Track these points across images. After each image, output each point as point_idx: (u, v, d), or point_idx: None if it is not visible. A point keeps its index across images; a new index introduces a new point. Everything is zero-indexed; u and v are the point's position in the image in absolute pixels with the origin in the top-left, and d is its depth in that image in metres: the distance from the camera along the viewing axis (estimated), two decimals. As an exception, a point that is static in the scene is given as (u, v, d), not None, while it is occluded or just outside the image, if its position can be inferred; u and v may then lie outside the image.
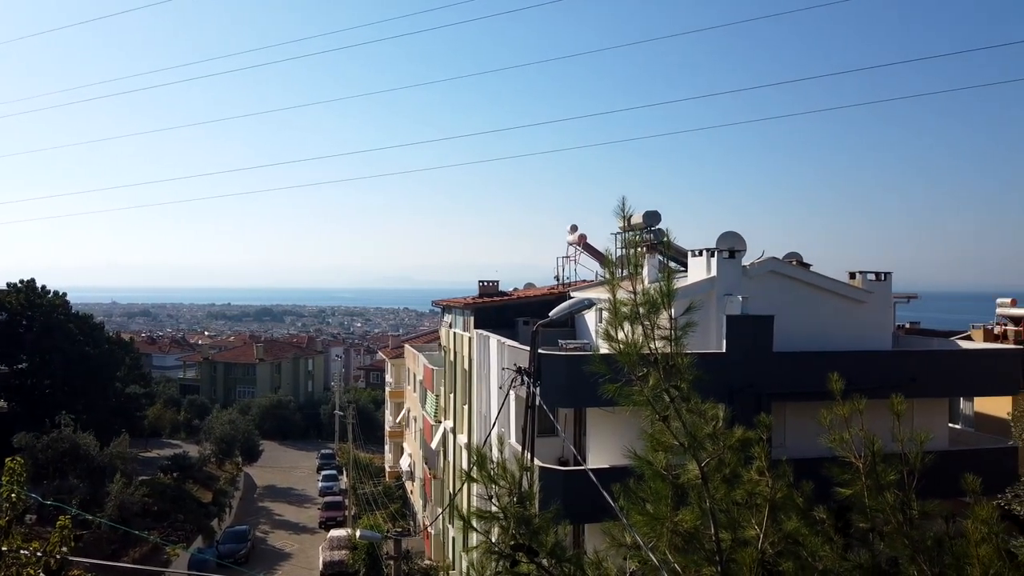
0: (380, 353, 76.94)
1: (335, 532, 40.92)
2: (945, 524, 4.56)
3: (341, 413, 55.89)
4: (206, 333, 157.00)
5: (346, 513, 46.75)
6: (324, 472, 59.16)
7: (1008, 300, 30.46)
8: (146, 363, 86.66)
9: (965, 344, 23.05)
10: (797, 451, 14.77)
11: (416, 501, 44.74)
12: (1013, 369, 20.11)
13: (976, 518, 4.01)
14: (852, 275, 21.45)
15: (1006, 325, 28.62)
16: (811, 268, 22.13)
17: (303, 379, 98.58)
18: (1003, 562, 3.96)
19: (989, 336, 27.23)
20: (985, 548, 3.85)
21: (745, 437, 5.04)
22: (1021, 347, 22.62)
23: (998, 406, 22.43)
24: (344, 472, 57.83)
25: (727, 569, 4.77)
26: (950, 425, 22.25)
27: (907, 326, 29.49)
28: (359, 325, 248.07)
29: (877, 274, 21.20)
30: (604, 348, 5.27)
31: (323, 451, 67.89)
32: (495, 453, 5.68)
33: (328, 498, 51.21)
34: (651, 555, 5.04)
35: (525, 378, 13.38)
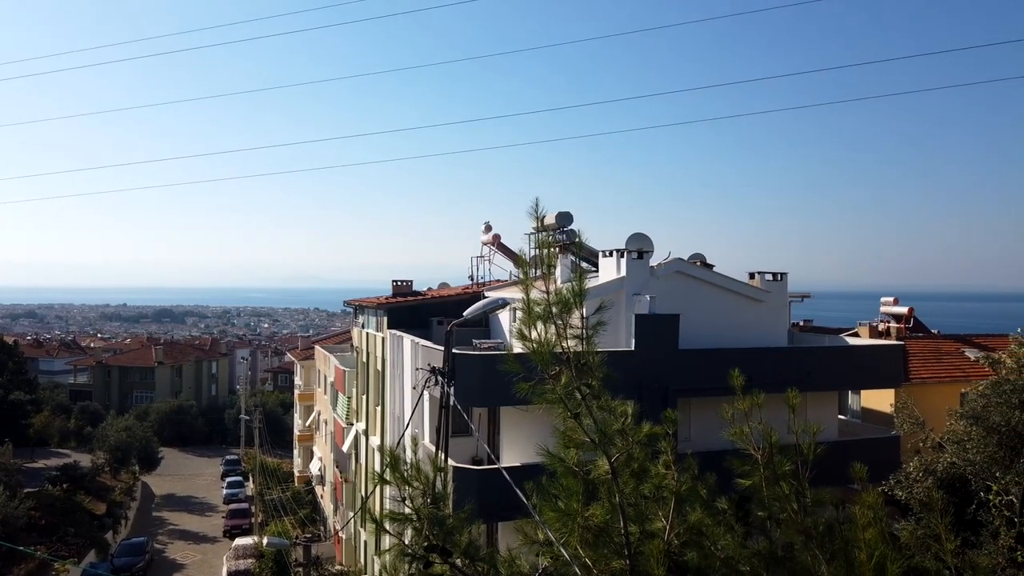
0: (289, 355, 74.84)
1: (241, 540, 39.60)
2: (835, 510, 4.86)
3: (247, 417, 54.02)
4: (99, 335, 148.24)
5: (252, 520, 45.22)
6: (229, 479, 57.13)
7: (891, 299, 32.74)
8: (32, 368, 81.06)
9: (853, 340, 24.56)
10: (702, 444, 15.38)
11: (327, 506, 43.79)
12: (896, 363, 21.59)
13: (863, 504, 4.29)
14: (751, 275, 22.47)
15: (889, 322, 30.74)
16: (714, 269, 23.05)
17: (206, 383, 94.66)
18: (887, 544, 4.25)
19: (874, 333, 29.17)
20: (871, 532, 4.13)
21: (653, 432, 5.20)
22: (903, 343, 24.34)
23: (882, 401, 24.05)
24: (250, 478, 55.97)
25: (635, 561, 4.91)
26: (840, 417, 23.66)
27: (801, 324, 31.19)
28: (267, 326, 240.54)
29: (774, 274, 22.29)
30: (518, 347, 5.32)
31: (228, 457, 65.56)
32: (408, 454, 5.63)
33: (233, 505, 49.52)
34: (563, 550, 5.12)
35: (439, 378, 13.32)
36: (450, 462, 15.41)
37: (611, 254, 20.93)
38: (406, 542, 5.13)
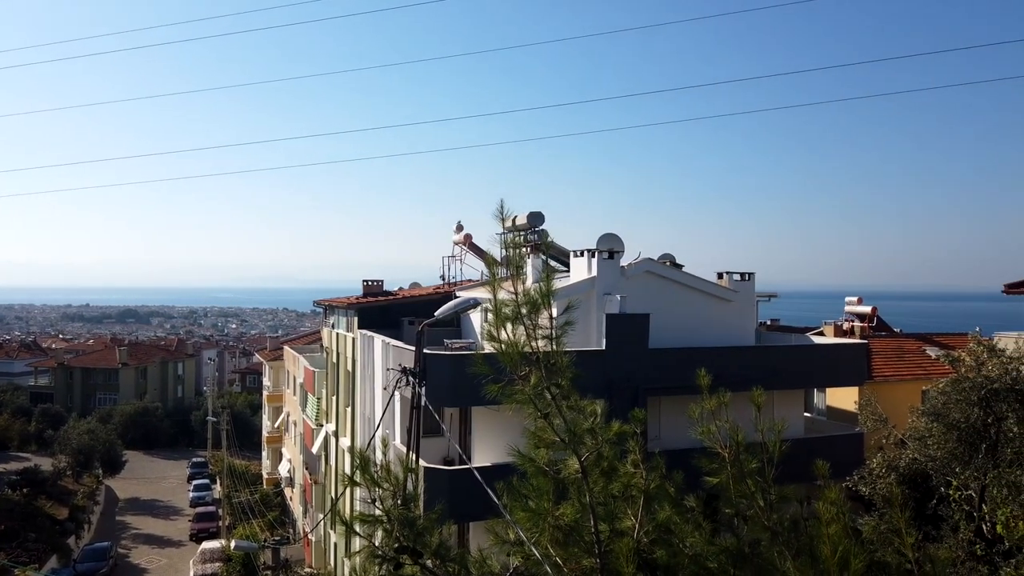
0: (257, 355, 73.90)
1: (208, 544, 39.03)
2: (800, 507, 4.95)
3: (214, 419, 53.25)
4: (61, 336, 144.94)
5: (220, 524, 44.62)
6: (196, 482, 56.28)
7: (855, 299, 33.41)
8: (-10, 370, 78.98)
9: (818, 339, 25.00)
10: (671, 443, 15.52)
11: (296, 508, 43.35)
12: (859, 362, 22.02)
13: (826, 500, 4.38)
14: (720, 275, 22.74)
15: (853, 321, 31.37)
16: (683, 268, 23.29)
17: (172, 384, 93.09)
18: (850, 539, 4.34)
19: (839, 332, 29.74)
20: (834, 527, 4.21)
21: (622, 431, 5.24)
22: (866, 341, 24.84)
23: (846, 399, 24.50)
24: (218, 481, 55.19)
25: (605, 560, 4.95)
26: (806, 415, 24.06)
27: (768, 323, 31.67)
28: (234, 326, 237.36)
29: (742, 274, 22.59)
30: (489, 348, 5.32)
31: (194, 459, 64.59)
32: (379, 455, 5.61)
33: (200, 508, 48.80)
34: (534, 550, 5.14)
35: (410, 378, 13.26)
36: (421, 463, 15.35)
37: (582, 254, 21.03)
38: (376, 544, 5.10)
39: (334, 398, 30.90)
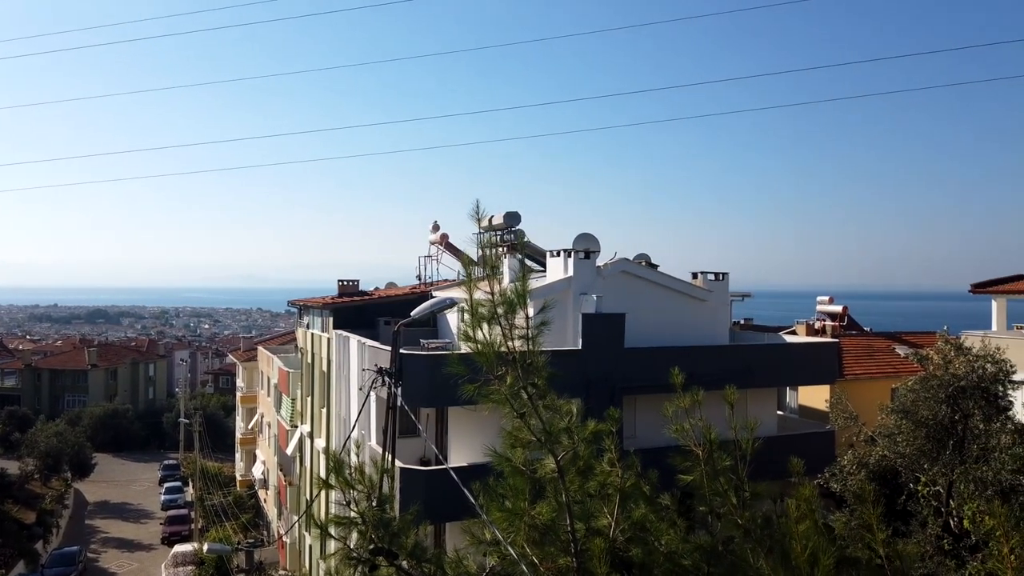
0: (230, 356, 73.02)
1: (180, 547, 38.53)
2: (773, 504, 5.01)
3: (187, 420, 52.55)
4: (28, 337, 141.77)
5: (192, 527, 44.04)
6: (167, 484, 55.53)
7: (826, 298, 33.92)
8: (-47, 372, 77.15)
9: (790, 338, 25.32)
10: (647, 441, 15.64)
11: (270, 510, 42.93)
12: (831, 360, 22.36)
13: (798, 497, 4.44)
14: (694, 275, 22.94)
15: (825, 320, 31.83)
16: (658, 268, 23.45)
17: (143, 385, 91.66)
18: (821, 535, 4.41)
19: (811, 331, 30.17)
20: (805, 524, 4.28)
21: (598, 430, 5.27)
22: (838, 340, 25.22)
23: (818, 398, 24.86)
24: (190, 483, 54.48)
25: (582, 559, 4.97)
26: (778, 413, 24.37)
27: (742, 322, 32.02)
28: (207, 327, 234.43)
29: (716, 274, 22.81)
30: (466, 348, 5.32)
31: (166, 462, 63.74)
32: (354, 456, 5.58)
33: (172, 511, 48.19)
34: (510, 549, 5.15)
35: (386, 379, 13.20)
36: (397, 463, 15.28)
37: (559, 254, 21.09)
38: (351, 545, 5.07)
39: (309, 399, 30.65)
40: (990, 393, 14.21)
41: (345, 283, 29.52)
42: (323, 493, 21.27)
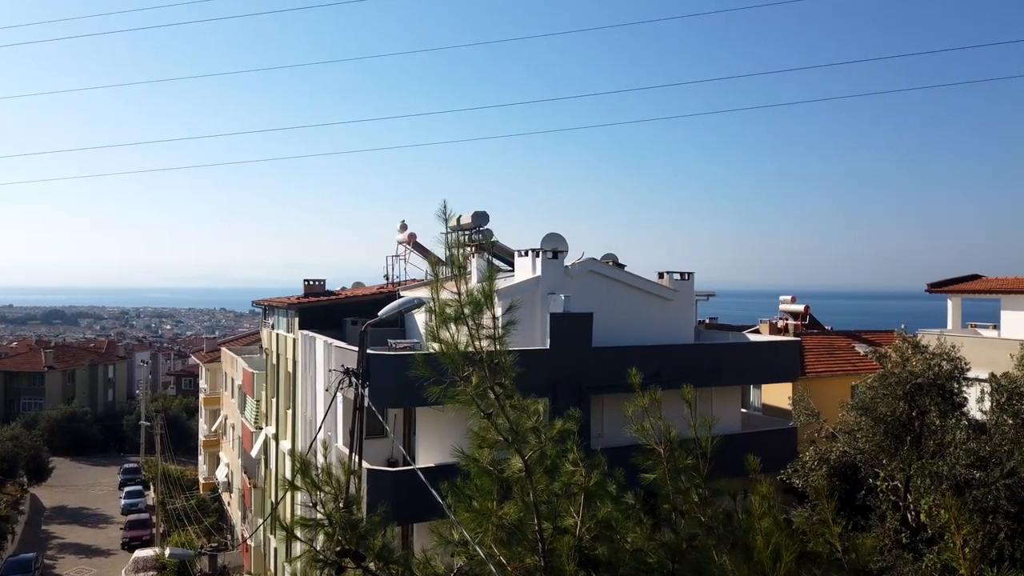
0: (193, 357, 71.78)
1: (141, 552, 37.80)
2: (734, 501, 5.10)
3: (148, 423, 51.58)
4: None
5: (154, 531, 43.22)
6: (128, 488, 54.41)
7: (789, 297, 34.55)
8: (-99, 375, 74.58)
9: (754, 337, 25.73)
10: (614, 440, 15.76)
11: (234, 513, 42.31)
12: (793, 358, 22.77)
13: (757, 493, 4.53)
14: (661, 275, 23.18)
15: (787, 319, 32.42)
16: (625, 268, 23.65)
17: (102, 388, 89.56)
18: (782, 531, 4.50)
19: (774, 330, 30.70)
20: (766, 520, 4.36)
21: (565, 429, 5.30)
22: (799, 339, 25.70)
23: (780, 396, 25.30)
24: (151, 487, 53.43)
25: (549, 558, 5.00)
26: (742, 410, 24.75)
27: (707, 321, 32.44)
28: (169, 327, 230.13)
29: (682, 274, 23.07)
30: (433, 348, 5.31)
31: (127, 465, 62.45)
32: (321, 458, 5.53)
33: (132, 516, 47.25)
34: (478, 549, 5.15)
35: (353, 379, 13.09)
36: (364, 464, 15.17)
37: (527, 254, 21.13)
38: (318, 548, 5.03)
39: (274, 400, 30.28)
40: (946, 390, 14.62)
41: (311, 283, 29.22)
42: (289, 495, 21.02)
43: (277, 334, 30.17)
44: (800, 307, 33.21)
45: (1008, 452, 13.07)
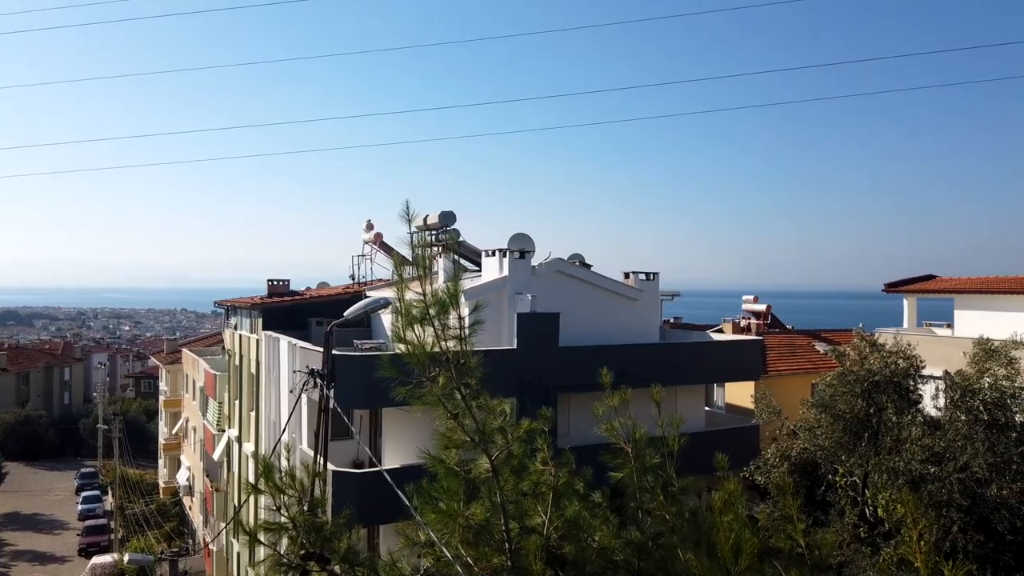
0: (153, 359, 70.25)
1: (98, 559, 36.86)
2: (699, 498, 5.17)
3: (106, 427, 50.32)
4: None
5: (112, 537, 42.22)
6: (84, 493, 53.05)
7: (751, 297, 35.11)
8: None
9: (717, 336, 26.08)
10: (581, 439, 15.82)
11: (196, 518, 41.56)
12: (755, 357, 23.14)
13: (723, 491, 4.59)
14: (626, 275, 23.37)
15: (750, 319, 32.96)
16: (592, 268, 23.78)
17: (58, 390, 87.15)
18: (745, 527, 4.57)
19: (737, 329, 31.18)
20: (729, 516, 4.43)
21: (532, 429, 5.31)
22: (762, 338, 26.12)
23: (743, 394, 25.69)
24: (109, 492, 52.20)
25: (516, 557, 5.00)
26: (706, 409, 25.06)
27: (672, 321, 32.80)
28: (128, 328, 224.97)
29: (647, 274, 23.28)
30: (399, 349, 5.28)
31: (84, 470, 60.91)
32: (285, 460, 5.46)
33: (90, 522, 46.07)
34: (444, 550, 5.14)
35: (318, 380, 12.96)
36: (330, 466, 15.02)
37: (494, 254, 21.12)
38: (282, 551, 4.97)
39: (237, 402, 29.80)
40: (902, 387, 14.98)
41: (275, 283, 28.81)
42: (252, 498, 20.73)
43: (240, 335, 29.70)
44: (762, 307, 33.77)
45: (961, 447, 13.45)
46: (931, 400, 15.68)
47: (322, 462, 13.01)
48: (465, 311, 5.22)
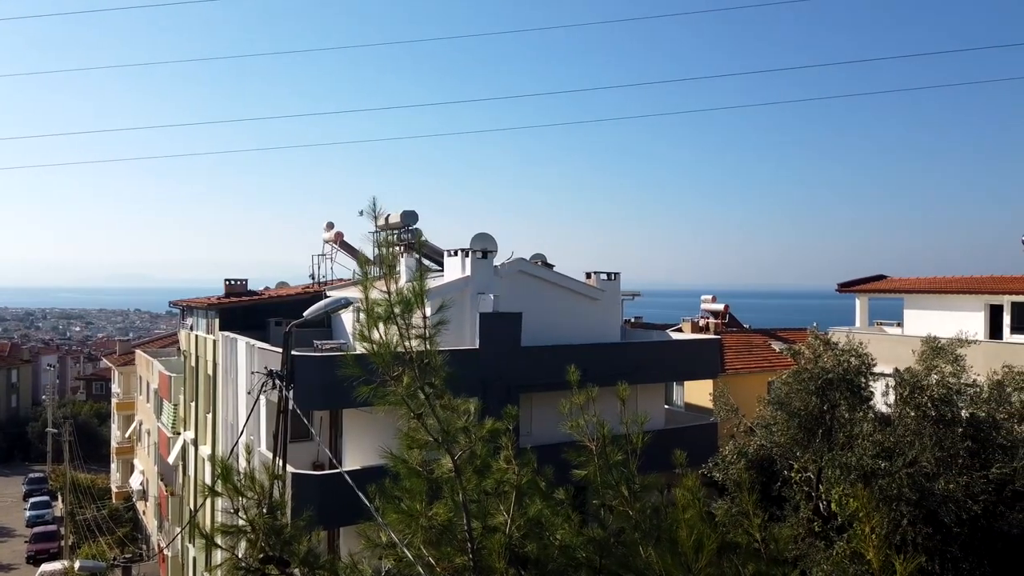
0: (105, 360, 68.39)
1: (48, 566, 35.81)
2: (661, 495, 5.24)
3: (55, 430, 48.93)
4: None
5: (62, 544, 41.00)
6: (33, 499, 51.49)
7: (710, 297, 35.66)
8: None
9: (677, 335, 26.43)
10: (543, 438, 15.89)
11: (150, 522, 40.58)
12: (714, 356, 23.51)
13: (683, 487, 4.67)
14: (588, 275, 23.54)
15: (708, 318, 33.47)
16: (554, 268, 23.90)
17: (5, 393, 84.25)
18: (705, 523, 4.64)
19: (696, 328, 31.63)
20: (690, 512, 4.50)
21: (495, 428, 5.32)
22: (720, 337, 26.55)
23: (702, 393, 26.08)
24: (59, 497, 50.64)
25: (478, 557, 5.01)
26: (665, 407, 25.38)
27: (632, 320, 33.14)
28: (78, 329, 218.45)
29: (608, 274, 23.49)
30: (361, 348, 5.24)
31: (32, 475, 59.09)
32: (243, 462, 5.38)
33: (38, 528, 44.74)
34: (406, 551, 5.12)
35: (277, 381, 12.77)
36: (289, 468, 14.81)
37: (456, 253, 21.08)
38: (240, 555, 4.89)
39: (193, 404, 29.20)
40: (854, 385, 15.35)
41: (232, 282, 28.30)
42: (209, 501, 20.33)
43: (196, 336, 29.11)
44: (720, 306, 34.32)
45: (910, 443, 13.85)
46: (882, 397, 16.11)
47: (281, 464, 12.83)
48: (429, 310, 5.21)
